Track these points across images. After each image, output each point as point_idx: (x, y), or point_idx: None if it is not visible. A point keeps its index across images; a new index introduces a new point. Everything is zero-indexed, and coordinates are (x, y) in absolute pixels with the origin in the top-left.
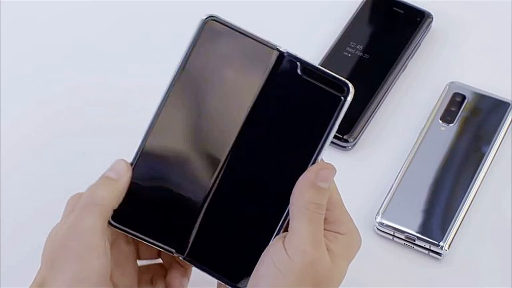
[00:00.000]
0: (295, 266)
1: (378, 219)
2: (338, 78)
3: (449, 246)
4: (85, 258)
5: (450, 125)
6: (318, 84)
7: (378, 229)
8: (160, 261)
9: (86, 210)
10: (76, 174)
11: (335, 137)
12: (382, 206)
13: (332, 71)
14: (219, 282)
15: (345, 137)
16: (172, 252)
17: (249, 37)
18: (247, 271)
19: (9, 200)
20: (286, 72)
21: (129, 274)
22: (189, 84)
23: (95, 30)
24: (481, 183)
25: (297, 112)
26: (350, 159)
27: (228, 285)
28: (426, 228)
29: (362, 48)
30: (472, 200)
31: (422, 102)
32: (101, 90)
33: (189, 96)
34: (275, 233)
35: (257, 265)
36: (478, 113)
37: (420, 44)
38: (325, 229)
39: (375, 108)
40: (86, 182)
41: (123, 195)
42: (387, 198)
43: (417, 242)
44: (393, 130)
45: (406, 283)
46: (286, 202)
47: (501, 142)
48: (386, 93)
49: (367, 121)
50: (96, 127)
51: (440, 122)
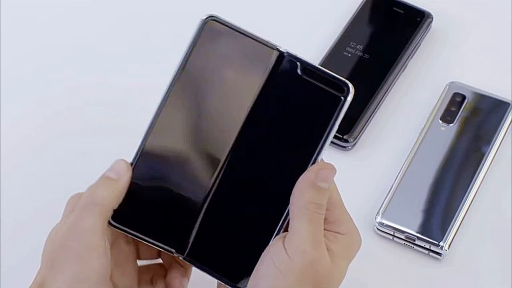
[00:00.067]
0: (295, 266)
1: (378, 219)
2: (338, 78)
3: (449, 246)
4: (85, 258)
5: (450, 125)
6: (318, 84)
7: (378, 229)
8: (160, 261)
9: (86, 210)
10: (76, 174)
11: (335, 137)
12: (382, 206)
13: (332, 71)
14: (219, 282)
15: (345, 137)
16: (172, 252)
17: (249, 37)
18: (247, 271)
19: (9, 200)
20: (286, 72)
21: (129, 274)
22: (189, 84)
23: (95, 30)
24: (481, 183)
25: (297, 112)
26: (350, 159)
27: (228, 285)
28: (426, 228)
29: (362, 48)
30: (472, 200)
31: (422, 102)
32: (101, 90)
33: (189, 96)
34: (275, 233)
35: (257, 265)
36: (478, 113)
37: (420, 44)
38: (325, 229)
39: (375, 108)
40: (86, 182)
41: (123, 195)
42: (387, 198)
43: (417, 242)
44: (393, 130)
45: (406, 283)
46: (286, 202)
47: (501, 142)
48: (386, 93)
49: (367, 121)
50: (96, 127)
51: (440, 122)
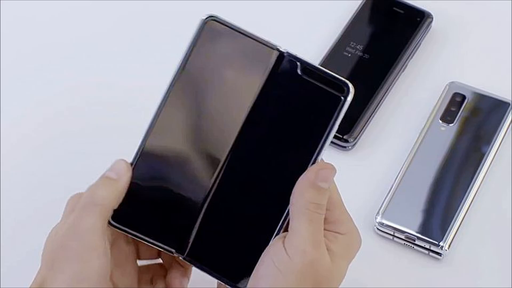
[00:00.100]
0: (295, 266)
1: (378, 219)
2: (338, 78)
3: (449, 246)
4: (85, 258)
5: (450, 125)
6: (318, 84)
7: (378, 229)
8: (160, 261)
9: (86, 210)
10: (76, 174)
11: (335, 137)
12: (382, 206)
13: (332, 71)
14: (219, 282)
15: (345, 137)
16: (172, 252)
17: (249, 37)
18: (247, 271)
19: (9, 200)
20: (286, 72)
21: (129, 274)
22: (189, 84)
23: (95, 30)
24: (481, 183)
25: (297, 112)
26: (350, 159)
27: (228, 285)
28: (426, 228)
29: (362, 48)
30: (472, 200)
31: (422, 102)
32: (101, 90)
33: (189, 96)
34: (275, 233)
35: (257, 265)
36: (478, 113)
37: (420, 44)
38: (325, 229)
39: (375, 108)
40: (86, 182)
41: (123, 195)
42: (387, 198)
43: (417, 242)
44: (393, 130)
45: (406, 283)
46: (286, 202)
47: (501, 142)
48: (386, 93)
49: (367, 121)
50: (96, 127)
51: (440, 122)
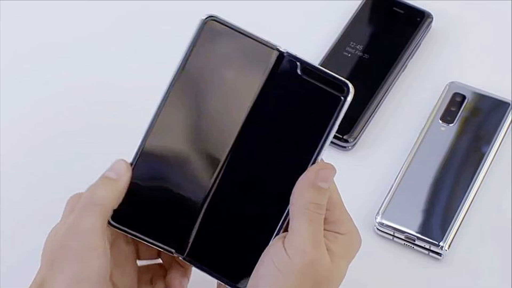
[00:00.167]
0: (295, 266)
1: (378, 219)
2: (338, 78)
3: (449, 246)
4: (84, 258)
5: (450, 125)
6: (318, 84)
7: (378, 229)
8: (160, 261)
9: (86, 210)
10: (75, 174)
11: (335, 137)
12: (382, 206)
13: (332, 71)
14: (219, 282)
15: (345, 137)
16: (172, 252)
17: (249, 37)
18: (247, 271)
19: (8, 200)
20: (286, 72)
21: (128, 274)
22: (189, 84)
23: (93, 30)
24: (481, 183)
25: (297, 112)
26: (350, 159)
27: (228, 285)
28: (426, 228)
29: (362, 48)
30: (472, 200)
31: (422, 102)
32: (100, 90)
33: (189, 96)
34: (275, 233)
35: (257, 265)
36: (478, 113)
37: (420, 44)
38: (325, 229)
39: (375, 108)
40: (86, 182)
41: (123, 195)
42: (387, 198)
43: (417, 242)
44: (393, 130)
45: (406, 283)
46: (286, 202)
47: (501, 142)
48: (386, 93)
49: (367, 121)
50: (95, 127)
51: (440, 122)
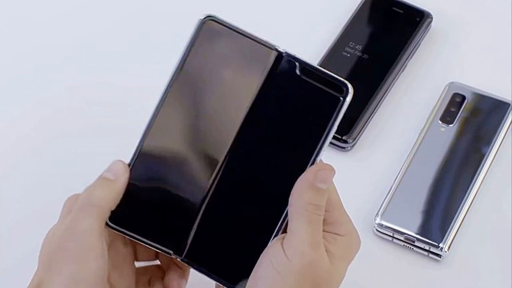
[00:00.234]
0: (294, 268)
1: (378, 220)
2: (337, 79)
3: (448, 247)
4: (82, 259)
5: (450, 125)
6: (317, 84)
7: (377, 230)
8: (158, 262)
9: (83, 211)
10: (74, 174)
11: (334, 137)
12: (381, 207)
13: (331, 71)
14: (217, 283)
15: (344, 137)
16: (170, 253)
17: (247, 37)
18: (246, 273)
19: (6, 200)
20: (284, 72)
21: (126, 275)
22: (187, 84)
23: (95, 30)
24: (481, 184)
25: (295, 112)
26: (349, 160)
27: (226, 286)
28: (425, 229)
29: (361, 48)
30: (472, 201)
31: (421, 102)
32: (100, 90)
33: (187, 96)
34: (274, 234)
35: (255, 266)
36: (478, 113)
37: (419, 44)
38: (324, 230)
39: (374, 108)
40: (84, 182)
41: (121, 196)
42: (387, 199)
43: (416, 243)
44: (392, 130)
45: (405, 285)
46: (285, 203)
47: (501, 143)
48: (385, 93)
49: (366, 121)
50: (94, 127)
51: (439, 122)
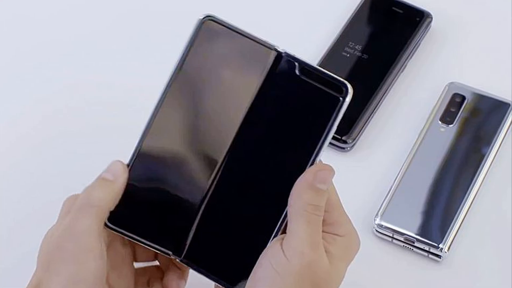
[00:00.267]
0: (293, 268)
1: (377, 221)
2: (336, 79)
3: (448, 248)
4: (81, 259)
5: (450, 126)
6: (316, 84)
7: (377, 231)
8: (157, 263)
9: (82, 212)
10: (73, 174)
11: (334, 138)
12: (381, 207)
13: (330, 72)
14: (217, 284)
15: (343, 138)
16: (169, 254)
17: (246, 37)
18: (245, 274)
19: (5, 200)
20: (284, 72)
21: (125, 276)
22: (186, 84)
23: (94, 28)
24: (481, 185)
25: (295, 112)
26: (348, 160)
27: (225, 287)
28: (425, 230)
29: (361, 48)
30: (472, 201)
31: (421, 102)
32: (100, 89)
33: (186, 96)
34: (273, 235)
35: (254, 267)
36: (478, 113)
37: (419, 44)
38: (323, 231)
39: (374, 108)
40: (83, 183)
41: (120, 197)
42: (386, 200)
43: (416, 244)
44: (392, 131)
45: (405, 286)
46: (284, 204)
47: (501, 143)
48: (385, 93)
49: (366, 122)
50: (94, 127)
51: (439, 123)
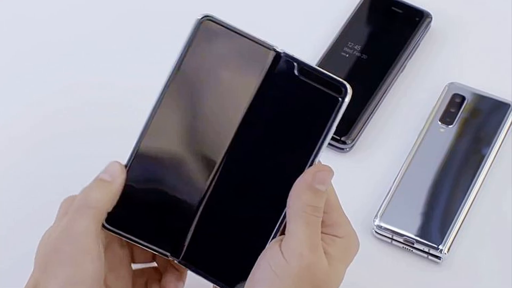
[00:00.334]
0: (292, 270)
1: (376, 222)
2: (335, 79)
3: (448, 249)
4: (78, 261)
5: (450, 126)
6: (315, 85)
7: (376, 232)
8: (155, 264)
9: (80, 213)
10: (70, 175)
11: (333, 138)
12: (380, 208)
13: (329, 72)
14: (215, 286)
15: (342, 138)
16: (167, 255)
17: (245, 37)
18: (243, 275)
19: (4, 200)
20: (282, 72)
21: (123, 278)
22: (184, 85)
23: (94, 28)
24: (481, 186)
25: (294, 113)
26: (348, 161)
27: None
28: (425, 231)
29: (360, 48)
30: (471, 202)
31: (421, 103)
32: (99, 89)
33: (184, 97)
34: (272, 236)
35: (253, 269)
36: (478, 114)
37: (419, 44)
38: (322, 232)
39: (373, 109)
40: (81, 184)
41: (117, 198)
42: (386, 201)
43: (416, 245)
44: (391, 131)
45: (404, 287)
46: (283, 205)
47: (501, 144)
48: (384, 94)
49: (365, 122)
50: (92, 128)
51: (439, 123)
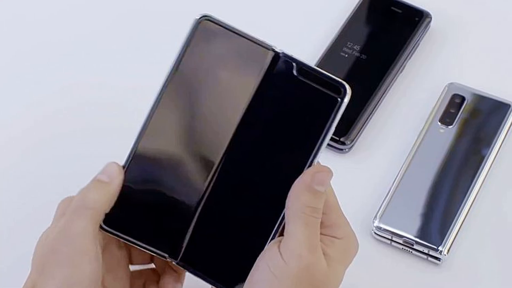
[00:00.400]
0: (291, 271)
1: (376, 223)
2: (334, 79)
3: (448, 250)
4: (76, 262)
5: (449, 127)
6: (314, 85)
7: (375, 233)
8: (153, 266)
9: (77, 214)
10: (68, 176)
11: (332, 139)
12: (379, 209)
13: (328, 72)
14: (213, 287)
15: (342, 139)
16: (165, 257)
17: (244, 37)
18: (242, 276)
19: (2, 201)
20: (281, 73)
21: (121, 279)
22: (182, 85)
23: (94, 28)
24: (481, 186)
25: (293, 113)
26: (347, 162)
27: None
28: (424, 232)
29: (359, 48)
30: (471, 203)
31: (420, 103)
32: (99, 89)
33: (182, 97)
34: (271, 237)
35: (252, 270)
36: (477, 114)
37: (418, 44)
38: (321, 233)
39: (373, 109)
40: (79, 184)
41: (115, 199)
42: (385, 202)
43: (415, 246)
44: (391, 132)
45: None
46: (282, 206)
47: (501, 145)
48: (383, 94)
49: (365, 123)
50: (91, 128)
51: (439, 124)
